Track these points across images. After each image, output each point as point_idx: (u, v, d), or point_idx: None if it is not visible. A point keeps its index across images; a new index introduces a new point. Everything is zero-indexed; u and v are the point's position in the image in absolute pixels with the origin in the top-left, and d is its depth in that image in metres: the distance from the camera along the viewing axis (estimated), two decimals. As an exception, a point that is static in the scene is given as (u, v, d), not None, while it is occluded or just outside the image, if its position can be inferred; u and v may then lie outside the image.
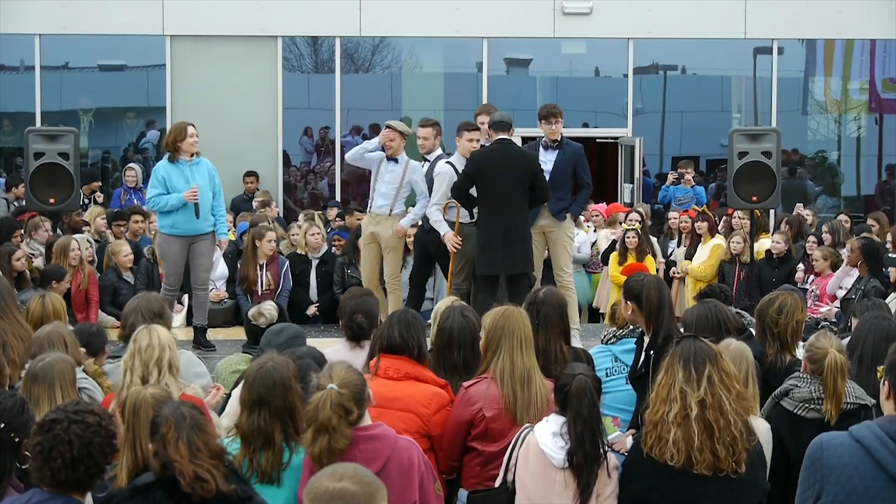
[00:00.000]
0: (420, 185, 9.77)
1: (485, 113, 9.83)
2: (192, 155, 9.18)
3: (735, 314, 6.07)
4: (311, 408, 4.29)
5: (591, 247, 12.86)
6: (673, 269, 12.20)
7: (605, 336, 6.56)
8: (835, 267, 10.42)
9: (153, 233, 10.97)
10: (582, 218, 13.03)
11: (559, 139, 9.58)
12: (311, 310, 10.96)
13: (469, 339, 5.42)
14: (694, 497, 4.35)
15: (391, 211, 9.72)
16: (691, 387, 4.31)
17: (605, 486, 4.56)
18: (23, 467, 3.94)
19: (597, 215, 13.36)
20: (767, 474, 4.68)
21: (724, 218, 12.94)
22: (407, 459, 4.41)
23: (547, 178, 9.44)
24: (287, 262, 11.00)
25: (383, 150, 9.77)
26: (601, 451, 4.54)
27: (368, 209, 9.90)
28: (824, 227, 11.64)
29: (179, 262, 9.25)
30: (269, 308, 6.63)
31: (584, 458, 4.49)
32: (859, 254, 9.88)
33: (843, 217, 12.73)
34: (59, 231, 11.01)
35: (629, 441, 5.37)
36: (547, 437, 4.57)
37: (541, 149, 9.63)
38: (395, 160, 9.69)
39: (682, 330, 5.87)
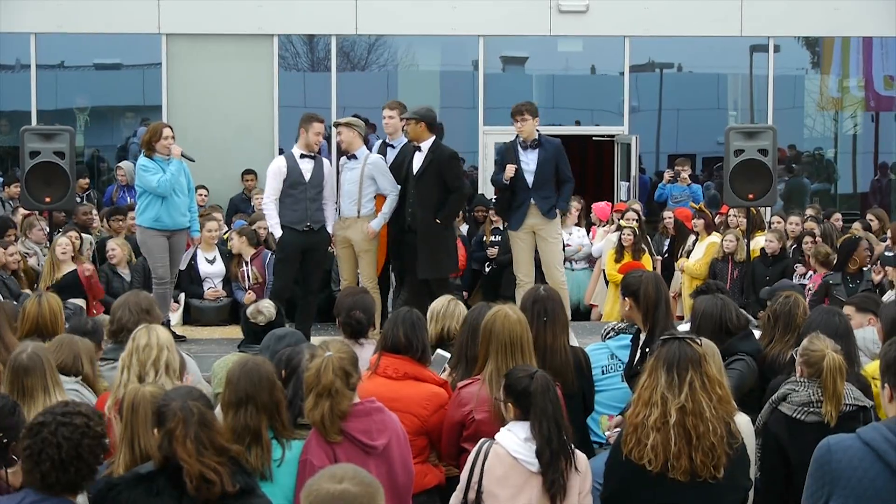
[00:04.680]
0: (382, 181, 9.50)
1: (395, 108, 9.76)
2: (180, 155, 9.39)
3: (740, 312, 6.02)
4: (312, 373, 4.38)
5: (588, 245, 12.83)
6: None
7: (604, 331, 6.54)
8: (827, 266, 10.42)
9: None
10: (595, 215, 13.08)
11: (537, 137, 9.53)
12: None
13: None
14: (670, 501, 4.32)
15: (359, 212, 9.54)
16: (672, 392, 4.28)
17: (579, 483, 4.54)
18: (9, 470, 3.90)
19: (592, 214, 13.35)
20: (751, 470, 4.67)
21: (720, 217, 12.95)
22: (402, 431, 4.64)
23: (531, 178, 9.45)
24: (270, 255, 10.92)
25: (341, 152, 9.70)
26: (569, 448, 4.52)
27: (338, 213, 9.66)
28: (817, 230, 11.63)
29: (165, 255, 9.45)
30: (268, 306, 6.58)
31: (551, 456, 4.45)
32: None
33: (835, 216, 12.75)
34: (58, 230, 10.98)
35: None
36: (516, 444, 4.51)
37: (519, 148, 9.57)
38: (354, 157, 9.51)
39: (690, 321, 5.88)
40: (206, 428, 3.85)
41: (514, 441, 4.52)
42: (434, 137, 9.45)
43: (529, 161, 9.52)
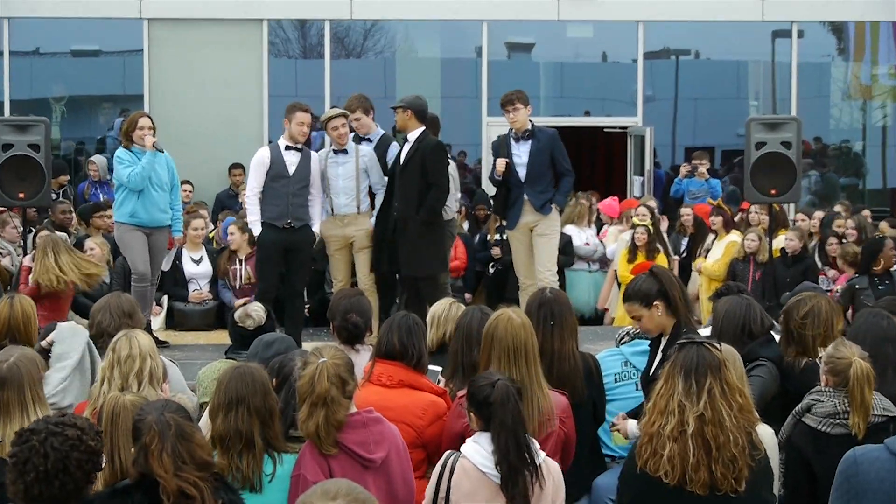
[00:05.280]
0: (374, 174, 9.64)
1: (358, 107, 9.78)
2: (152, 146, 9.26)
3: (765, 315, 5.98)
4: (305, 381, 4.38)
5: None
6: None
7: (619, 335, 6.51)
8: (855, 266, 10.42)
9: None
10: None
11: (530, 128, 9.52)
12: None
13: None
14: None
15: (359, 208, 9.61)
16: (690, 400, 4.27)
17: (551, 493, 4.53)
18: None
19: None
20: (775, 485, 4.66)
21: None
22: (402, 443, 4.64)
23: (523, 172, 9.45)
24: None
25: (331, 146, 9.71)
26: (529, 461, 4.48)
27: (330, 212, 9.67)
28: (849, 222, 11.64)
29: (143, 252, 9.35)
30: (257, 309, 6.61)
31: (508, 469, 4.44)
32: None
33: (864, 213, 12.73)
34: (31, 228, 10.96)
35: (631, 425, 5.33)
36: (483, 456, 4.51)
37: (511, 141, 9.59)
38: (344, 151, 9.56)
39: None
40: (184, 441, 3.85)
41: (481, 454, 4.51)
42: (422, 128, 9.45)
43: (522, 153, 9.54)
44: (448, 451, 4.65)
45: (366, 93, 10.35)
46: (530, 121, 9.62)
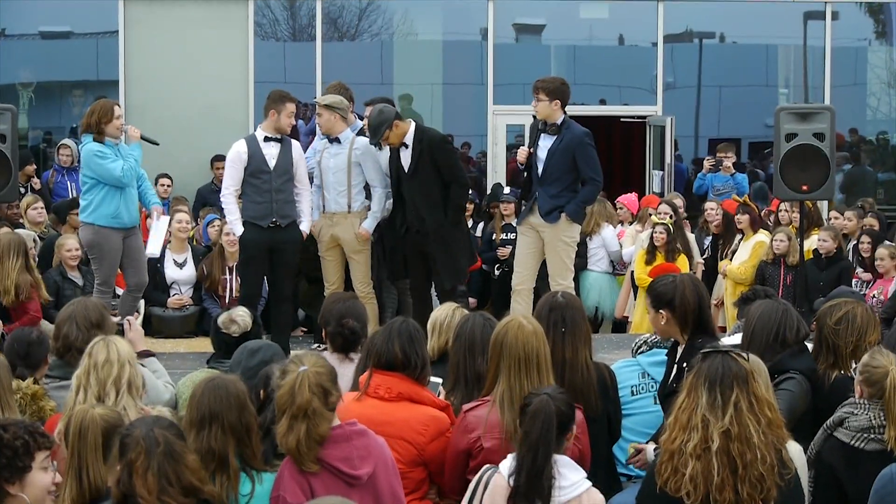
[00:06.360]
0: (370, 170, 9.54)
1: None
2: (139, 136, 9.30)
3: (802, 323, 5.98)
4: (285, 391, 4.41)
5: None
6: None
7: (635, 345, 6.53)
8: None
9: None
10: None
11: (559, 122, 9.32)
12: (297, 331, 10.85)
13: None
14: None
15: (350, 206, 9.58)
16: (715, 414, 4.30)
17: None
18: None
19: (621, 208, 13.30)
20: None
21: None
22: (390, 457, 4.68)
23: (540, 168, 9.38)
24: None
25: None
26: (541, 485, 4.46)
27: (322, 209, 9.68)
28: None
29: (118, 259, 9.34)
30: (242, 315, 6.62)
31: (516, 487, 4.46)
32: None
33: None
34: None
35: (649, 451, 5.36)
36: None
37: (541, 134, 9.51)
38: (337, 140, 9.53)
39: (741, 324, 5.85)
40: (172, 461, 3.88)
41: None
42: (413, 124, 9.38)
43: (542, 148, 9.39)
44: (486, 466, 4.69)
45: (360, 79, 10.35)
46: (564, 112, 9.41)
